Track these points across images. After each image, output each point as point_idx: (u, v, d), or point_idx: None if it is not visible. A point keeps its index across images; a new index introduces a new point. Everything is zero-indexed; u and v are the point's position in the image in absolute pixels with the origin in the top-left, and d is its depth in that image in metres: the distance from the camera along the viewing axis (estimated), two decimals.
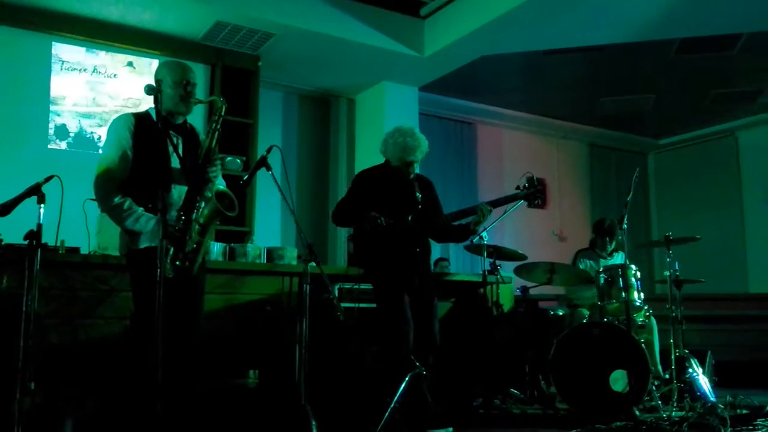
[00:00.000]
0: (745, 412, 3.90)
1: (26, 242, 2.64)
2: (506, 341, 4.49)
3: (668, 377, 4.25)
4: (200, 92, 5.37)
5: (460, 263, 7.33)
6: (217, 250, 4.21)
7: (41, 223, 2.65)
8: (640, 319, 4.57)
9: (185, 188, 2.82)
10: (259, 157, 3.33)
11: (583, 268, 4.93)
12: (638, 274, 4.29)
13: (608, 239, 5.08)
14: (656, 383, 4.18)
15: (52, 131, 5.27)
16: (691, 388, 4.20)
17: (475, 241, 4.43)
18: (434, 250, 4.62)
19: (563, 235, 8.40)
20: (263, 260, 4.36)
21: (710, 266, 7.34)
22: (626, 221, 4.25)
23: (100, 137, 5.32)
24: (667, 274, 4.49)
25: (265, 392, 3.79)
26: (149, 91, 2.79)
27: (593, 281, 4.49)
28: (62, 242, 3.58)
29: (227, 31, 5.53)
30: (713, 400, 4.04)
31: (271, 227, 6.39)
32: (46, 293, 3.18)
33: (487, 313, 4.52)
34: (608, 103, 7.90)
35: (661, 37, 5.95)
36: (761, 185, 8.25)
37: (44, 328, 3.13)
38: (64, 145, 5.30)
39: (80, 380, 3.29)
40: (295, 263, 4.38)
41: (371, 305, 3.99)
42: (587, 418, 3.75)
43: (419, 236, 3.73)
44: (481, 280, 4.37)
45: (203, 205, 2.82)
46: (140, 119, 2.90)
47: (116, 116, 2.98)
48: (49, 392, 3.03)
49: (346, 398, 3.83)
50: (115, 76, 5.55)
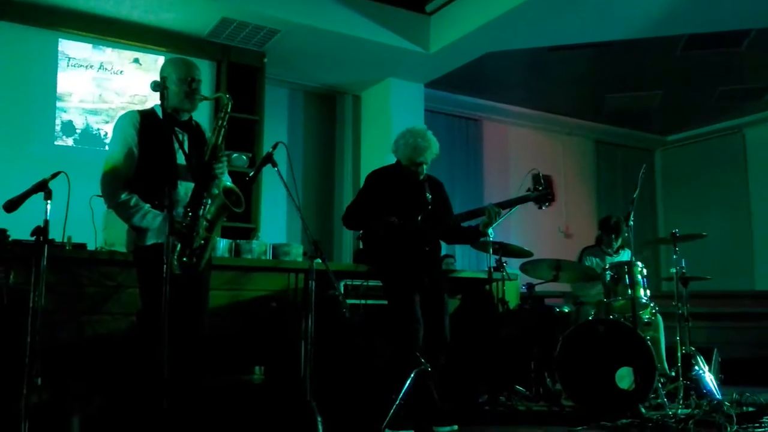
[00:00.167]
0: (751, 409, 3.88)
1: (33, 238, 2.66)
2: (512, 338, 4.49)
3: (674, 375, 4.25)
4: (206, 89, 5.37)
5: (465, 260, 7.31)
6: (222, 246, 4.22)
7: (48, 219, 2.67)
8: (646, 316, 4.57)
9: (192, 185, 2.83)
10: (264, 153, 3.33)
11: (589, 265, 4.93)
12: (644, 271, 4.29)
13: (614, 236, 5.07)
14: (662, 381, 4.18)
15: (58, 128, 5.28)
16: (697, 385, 4.20)
17: (480, 238, 4.44)
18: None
19: (569, 232, 8.37)
20: (269, 257, 4.37)
21: (717, 263, 7.32)
22: (632, 218, 4.24)
23: (106, 134, 5.34)
24: (673, 271, 4.48)
25: (270, 388, 3.79)
26: (155, 87, 2.81)
27: (599, 278, 4.49)
28: (69, 238, 3.58)
29: (233, 27, 5.53)
30: (719, 397, 4.04)
31: (276, 224, 6.38)
32: (52, 289, 3.18)
33: (492, 310, 4.52)
34: (614, 99, 7.86)
35: (667, 33, 5.92)
36: None
37: (51, 324, 3.13)
38: (70, 141, 5.31)
39: (87, 376, 3.30)
40: (300, 260, 4.39)
41: (377, 302, 3.99)
42: (593, 415, 3.75)
43: (429, 236, 3.73)
44: (486, 277, 4.37)
45: (210, 201, 2.83)
46: (146, 116, 2.90)
47: (122, 113, 2.99)
48: (55, 388, 3.04)
49: (351, 395, 3.84)
50: (121, 72, 5.56)
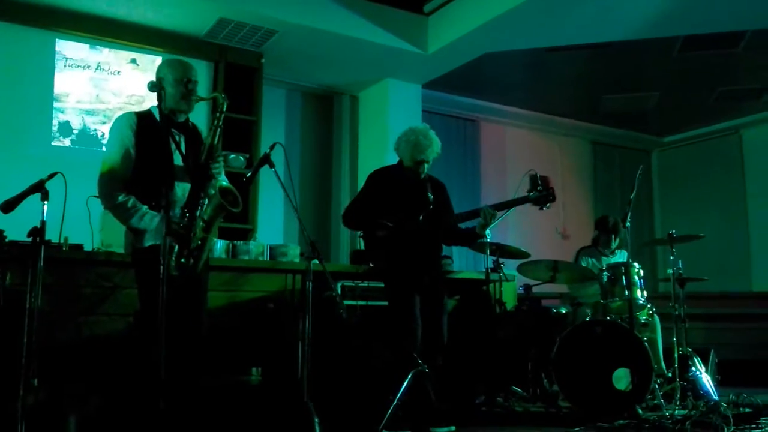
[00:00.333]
0: (748, 410, 3.88)
1: (30, 239, 2.65)
2: (509, 339, 4.49)
3: (671, 376, 4.25)
4: (203, 89, 5.34)
5: (463, 261, 7.31)
6: (220, 247, 4.22)
7: (45, 219, 2.66)
8: (643, 317, 4.56)
9: (188, 186, 2.83)
10: (262, 154, 3.33)
11: (585, 265, 4.93)
12: (641, 272, 4.29)
13: (613, 237, 5.07)
14: (659, 381, 4.18)
15: (55, 128, 5.27)
16: (694, 386, 4.20)
17: (477, 240, 4.44)
18: None
19: (566, 233, 8.38)
20: (266, 257, 4.37)
21: (714, 264, 7.33)
22: (629, 219, 4.24)
23: (103, 134, 5.33)
24: (670, 272, 4.48)
25: (267, 389, 3.79)
26: (152, 87, 2.81)
27: (596, 279, 4.50)
28: (66, 239, 3.58)
29: (230, 28, 5.53)
30: (716, 398, 4.03)
31: (273, 224, 6.38)
32: (49, 290, 3.18)
33: (489, 310, 4.52)
34: (612, 100, 7.87)
35: (665, 34, 5.93)
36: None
37: (48, 325, 3.13)
38: (67, 142, 5.30)
39: (84, 377, 3.30)
40: (297, 260, 4.39)
41: (374, 303, 4.00)
42: (590, 416, 3.76)
43: (430, 236, 3.73)
44: (484, 277, 4.37)
45: (206, 202, 2.83)
46: (142, 118, 2.90)
47: (119, 115, 2.98)
48: (52, 389, 3.04)
49: (348, 396, 3.84)
50: (118, 73, 5.55)
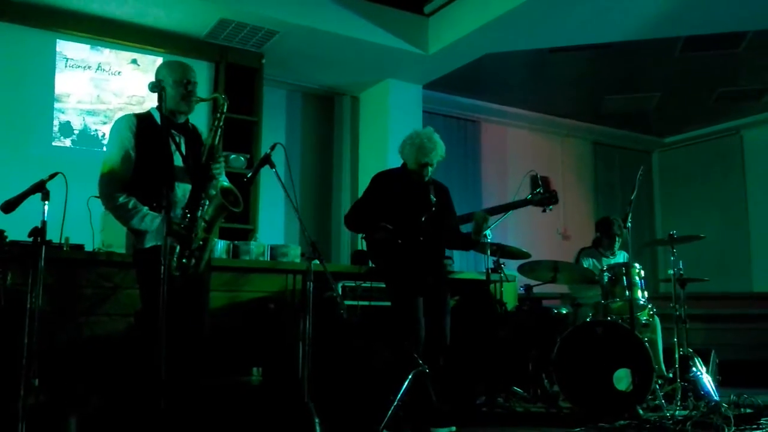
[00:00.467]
0: (748, 411, 3.88)
1: (31, 239, 2.65)
2: (509, 339, 4.49)
3: (672, 376, 4.25)
4: (204, 90, 5.37)
5: (463, 261, 7.31)
6: (220, 247, 4.22)
7: (46, 220, 2.67)
8: (643, 317, 4.56)
9: (189, 186, 2.83)
10: (262, 154, 3.33)
11: (586, 266, 4.93)
12: (642, 272, 4.29)
13: (616, 238, 5.07)
14: (660, 382, 4.18)
15: (56, 128, 5.27)
16: (694, 387, 4.20)
17: (474, 246, 4.44)
18: None
19: (567, 233, 8.37)
20: (267, 258, 4.37)
21: (714, 265, 7.34)
22: (630, 220, 4.24)
23: (104, 134, 5.33)
24: (671, 272, 4.48)
25: (268, 389, 3.79)
26: (153, 88, 2.81)
27: (597, 280, 4.49)
28: (67, 239, 3.58)
29: (231, 28, 5.53)
30: (717, 399, 4.03)
31: (274, 225, 6.38)
32: (50, 290, 3.18)
33: (490, 311, 4.51)
34: (613, 101, 7.87)
35: (666, 35, 5.93)
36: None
37: (48, 325, 3.12)
38: (68, 142, 5.31)
39: (84, 377, 3.30)
40: (298, 261, 4.39)
41: (375, 303, 4.00)
42: (590, 416, 3.76)
43: (432, 238, 3.74)
44: (484, 278, 4.37)
45: (207, 202, 2.83)
46: (142, 119, 2.90)
47: (118, 117, 2.99)
48: (53, 389, 3.04)
49: (349, 396, 3.84)
50: (119, 73, 5.55)
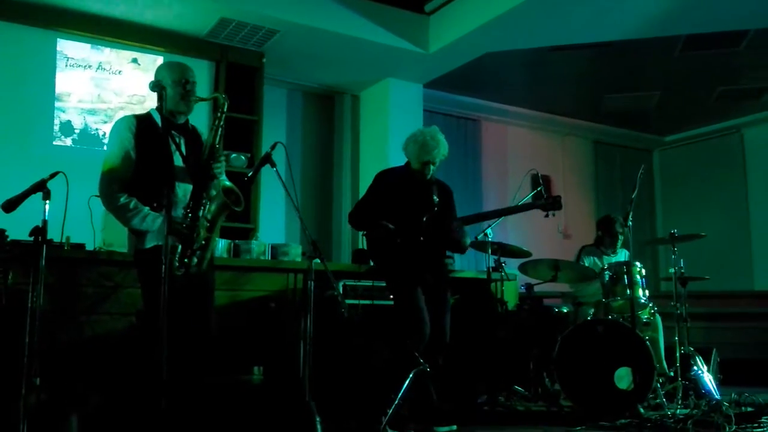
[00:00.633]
0: (750, 409, 3.88)
1: (32, 238, 2.66)
2: (510, 338, 4.49)
3: (673, 375, 4.25)
4: (204, 89, 5.39)
5: (464, 260, 7.29)
6: (221, 246, 4.22)
7: (47, 219, 2.67)
8: (644, 316, 4.57)
9: (189, 186, 2.83)
10: (263, 153, 3.33)
11: (587, 265, 4.93)
12: (643, 271, 4.29)
13: (618, 236, 5.07)
14: (661, 381, 4.18)
15: (57, 128, 5.27)
16: (695, 385, 4.20)
17: (479, 238, 4.44)
18: None
19: (567, 232, 8.36)
20: (267, 257, 4.37)
21: (715, 263, 7.32)
22: (631, 218, 4.24)
23: (105, 134, 5.33)
24: (672, 271, 4.48)
25: (269, 388, 3.79)
26: (154, 87, 2.81)
27: (598, 278, 4.49)
28: (68, 238, 3.59)
29: (231, 27, 5.53)
30: (718, 397, 4.04)
31: (275, 224, 6.38)
32: (51, 289, 3.19)
33: (491, 310, 4.52)
34: (613, 99, 7.86)
35: (666, 33, 5.92)
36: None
37: (50, 324, 3.13)
38: (69, 141, 5.31)
39: (85, 376, 3.30)
40: (299, 260, 4.39)
41: (375, 302, 4.00)
42: (591, 415, 3.76)
43: (432, 237, 3.74)
44: (485, 277, 4.38)
45: (208, 202, 2.83)
46: (142, 120, 2.90)
47: (118, 119, 2.99)
48: (54, 388, 3.04)
49: (350, 395, 3.84)
50: (119, 72, 5.55)
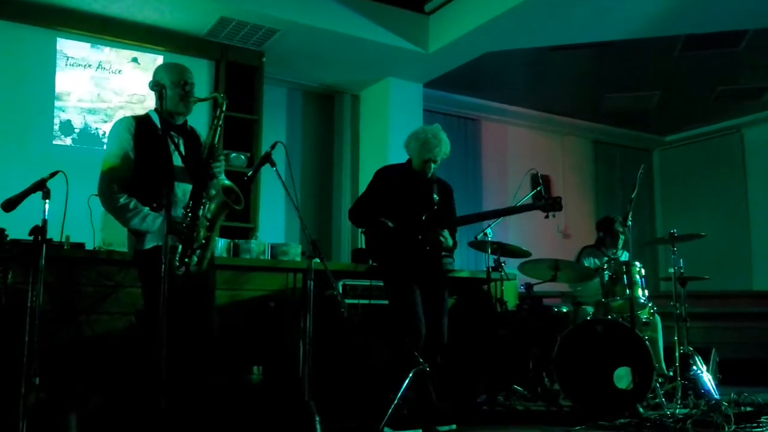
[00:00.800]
0: (749, 409, 3.89)
1: (31, 238, 2.65)
2: (510, 338, 4.49)
3: (672, 374, 4.25)
4: (204, 88, 5.40)
5: (464, 260, 7.31)
6: (221, 246, 4.22)
7: (46, 218, 2.67)
8: (644, 316, 4.57)
9: (189, 186, 2.82)
10: (263, 153, 3.33)
11: (588, 265, 4.93)
12: (643, 271, 4.29)
13: (619, 235, 5.07)
14: (660, 380, 4.18)
15: (57, 127, 5.28)
16: (695, 385, 4.21)
17: (479, 237, 4.44)
18: None
19: (567, 232, 8.37)
20: (267, 256, 4.37)
21: (715, 263, 7.33)
22: (631, 218, 4.24)
23: (104, 133, 5.33)
24: (671, 271, 4.48)
25: (268, 388, 3.80)
26: (154, 86, 2.81)
27: (597, 278, 4.49)
28: (67, 238, 3.58)
29: (231, 26, 5.53)
30: (717, 397, 4.04)
31: (275, 223, 6.38)
32: (51, 289, 3.19)
33: (491, 309, 4.52)
34: (613, 99, 7.86)
35: (666, 33, 5.92)
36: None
37: (49, 323, 3.13)
38: (69, 140, 5.31)
39: (85, 376, 3.30)
40: (298, 259, 4.39)
41: (375, 301, 4.00)
42: (591, 415, 3.76)
43: (431, 235, 3.74)
44: (485, 276, 4.37)
45: (208, 201, 2.83)
46: (140, 122, 2.90)
47: (116, 120, 2.99)
48: (53, 387, 3.04)
49: (349, 394, 3.84)
50: (119, 71, 5.55)
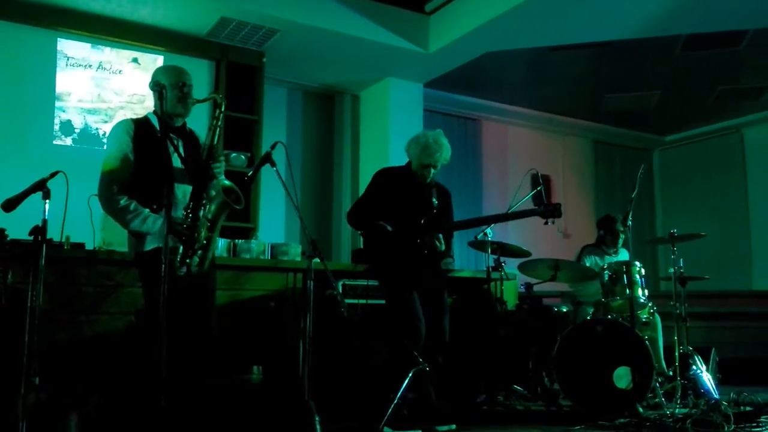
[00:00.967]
0: (748, 409, 3.88)
1: (31, 238, 2.66)
2: (510, 338, 4.49)
3: (672, 374, 4.26)
4: (204, 89, 5.40)
5: (464, 260, 7.31)
6: (221, 246, 4.23)
7: (46, 218, 2.67)
8: (644, 316, 4.57)
9: (188, 188, 2.83)
10: (263, 153, 3.34)
11: (588, 264, 4.93)
12: (642, 271, 4.29)
13: (620, 234, 5.07)
14: (660, 380, 4.18)
15: (57, 127, 5.28)
16: (694, 385, 4.21)
17: (479, 237, 4.44)
18: None
19: (567, 232, 8.36)
20: (267, 256, 4.38)
21: (715, 263, 7.33)
22: (631, 218, 4.25)
23: (105, 133, 5.33)
24: (671, 271, 4.49)
25: (268, 388, 3.80)
26: (154, 87, 2.81)
27: (597, 278, 4.49)
28: (67, 238, 3.59)
29: (232, 27, 5.53)
30: (717, 397, 4.04)
31: (275, 223, 6.38)
32: (51, 289, 3.19)
33: (491, 309, 4.52)
34: (613, 99, 7.86)
35: (666, 33, 5.92)
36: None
37: (49, 323, 3.14)
38: (69, 141, 5.31)
39: (85, 375, 3.31)
40: (298, 259, 4.40)
41: (375, 301, 4.00)
42: (591, 415, 3.76)
43: (429, 239, 3.74)
44: (485, 276, 4.38)
45: (208, 202, 2.83)
46: (139, 124, 2.91)
47: (115, 123, 2.99)
48: (53, 387, 3.04)
49: (349, 394, 3.84)
50: (120, 72, 5.56)
